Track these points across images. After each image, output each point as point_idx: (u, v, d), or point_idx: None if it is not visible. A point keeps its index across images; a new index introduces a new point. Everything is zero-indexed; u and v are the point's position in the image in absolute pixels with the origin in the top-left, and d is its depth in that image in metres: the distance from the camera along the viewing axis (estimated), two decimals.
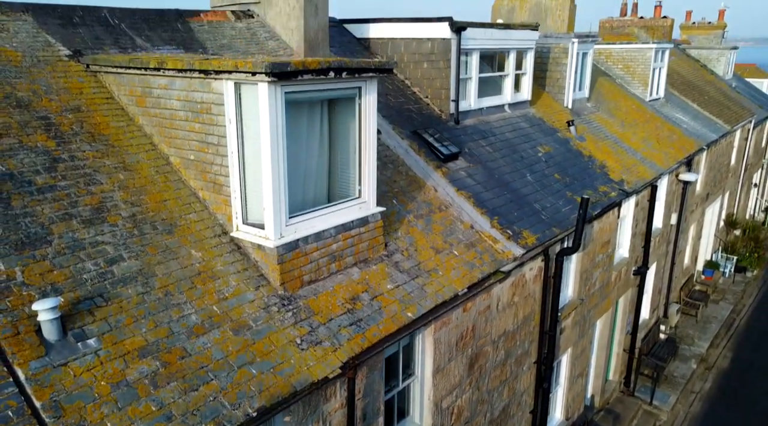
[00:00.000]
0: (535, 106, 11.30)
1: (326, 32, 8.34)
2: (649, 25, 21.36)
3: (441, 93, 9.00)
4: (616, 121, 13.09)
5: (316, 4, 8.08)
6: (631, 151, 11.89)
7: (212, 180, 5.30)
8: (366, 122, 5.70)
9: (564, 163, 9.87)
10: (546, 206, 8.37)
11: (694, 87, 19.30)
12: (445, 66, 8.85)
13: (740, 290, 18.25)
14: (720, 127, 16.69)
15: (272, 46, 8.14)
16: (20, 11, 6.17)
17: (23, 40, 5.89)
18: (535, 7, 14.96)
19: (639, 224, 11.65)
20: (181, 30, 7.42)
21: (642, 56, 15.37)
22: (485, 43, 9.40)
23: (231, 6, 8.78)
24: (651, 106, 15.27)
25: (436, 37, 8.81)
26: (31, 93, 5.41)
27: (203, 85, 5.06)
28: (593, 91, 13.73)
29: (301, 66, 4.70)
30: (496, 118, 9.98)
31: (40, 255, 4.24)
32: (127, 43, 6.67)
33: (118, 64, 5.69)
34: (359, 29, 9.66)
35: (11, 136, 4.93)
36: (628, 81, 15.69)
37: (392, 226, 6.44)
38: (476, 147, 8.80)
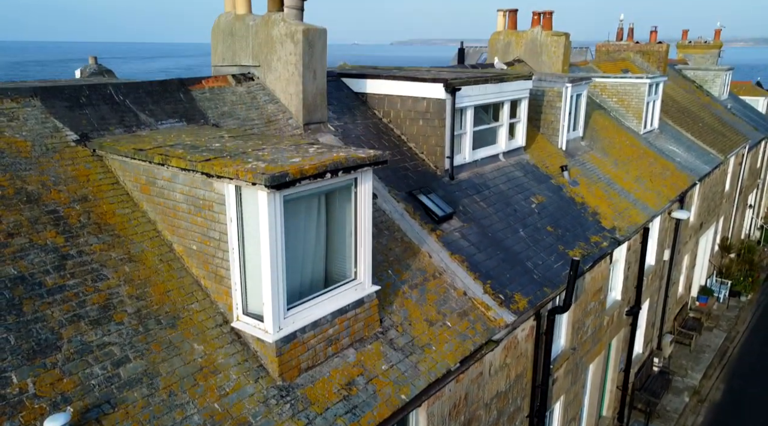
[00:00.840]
0: (529, 151, 11.54)
1: (324, 95, 8.59)
2: (645, 50, 21.61)
3: (436, 150, 9.24)
4: (610, 159, 13.33)
5: (315, 70, 8.33)
6: (623, 194, 12.12)
7: (214, 271, 5.54)
8: (361, 208, 5.93)
9: (556, 213, 10.10)
10: (538, 263, 8.60)
11: (688, 114, 19.54)
12: (440, 124, 9.09)
13: (734, 316, 18.47)
14: (713, 158, 16.93)
15: (271, 109, 8.39)
16: (29, 96, 6.41)
17: (32, 127, 6.13)
18: (530, 43, 15.21)
19: (631, 266, 11.88)
20: (183, 100, 7.66)
21: (636, 90, 15.61)
22: (480, 98, 9.65)
23: (232, 67, 9.03)
24: (645, 140, 15.51)
25: (431, 97, 9.06)
26: (40, 185, 5.65)
27: (205, 183, 5.30)
28: (587, 127, 13.98)
29: (299, 174, 4.94)
30: (490, 168, 10.22)
31: (51, 363, 4.47)
32: (131, 120, 6.91)
33: (123, 154, 5.93)
34: (357, 84, 9.90)
35: (22, 235, 5.17)
36: (623, 114, 15.94)
37: (387, 299, 6.67)
38: (470, 203, 9.03)
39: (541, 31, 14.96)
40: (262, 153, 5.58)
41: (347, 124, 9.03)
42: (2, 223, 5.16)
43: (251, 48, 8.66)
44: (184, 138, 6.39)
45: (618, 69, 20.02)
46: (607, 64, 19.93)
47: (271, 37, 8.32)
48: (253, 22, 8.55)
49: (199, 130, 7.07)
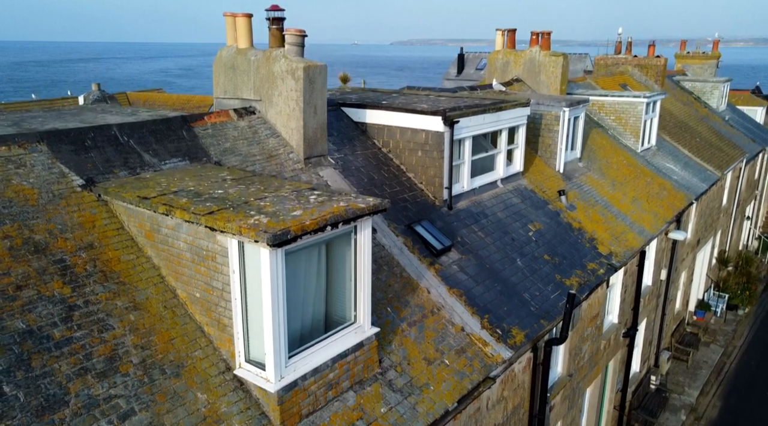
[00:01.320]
0: (527, 175, 11.67)
1: (324, 129, 8.73)
2: (643, 63, 21.75)
3: (435, 180, 9.37)
4: (607, 180, 13.46)
5: (315, 105, 8.46)
6: (620, 216, 12.26)
7: (217, 319, 5.67)
8: (361, 253, 6.07)
9: (554, 240, 10.24)
10: (535, 295, 8.73)
11: (686, 128, 19.67)
12: (439, 156, 9.23)
13: (731, 330, 18.61)
14: (710, 175, 17.06)
15: (273, 144, 8.53)
16: (36, 141, 6.55)
17: (39, 174, 6.26)
18: (529, 62, 15.35)
19: (628, 289, 12.02)
20: (186, 138, 7.80)
21: (633, 109, 15.75)
22: (478, 128, 9.78)
23: (233, 100, 9.17)
24: (642, 158, 15.65)
25: (430, 129, 9.19)
26: (47, 234, 5.78)
27: (209, 236, 5.43)
28: (585, 146, 14.11)
29: (300, 230, 5.07)
30: (488, 195, 10.35)
31: (59, 419, 4.60)
32: (135, 161, 7.05)
33: (128, 201, 6.06)
34: (356, 113, 10.04)
35: (30, 286, 5.30)
36: (620, 132, 16.07)
37: (386, 338, 6.81)
38: (468, 233, 9.17)
39: (539, 50, 15.10)
40: (263, 203, 5.71)
41: (347, 156, 9.16)
42: (11, 275, 5.29)
43: (253, 82, 8.79)
44: (187, 181, 6.53)
45: (616, 84, 20.17)
46: (606, 79, 20.06)
47: (273, 73, 8.45)
48: (254, 58, 8.69)
49: (202, 169, 7.20)
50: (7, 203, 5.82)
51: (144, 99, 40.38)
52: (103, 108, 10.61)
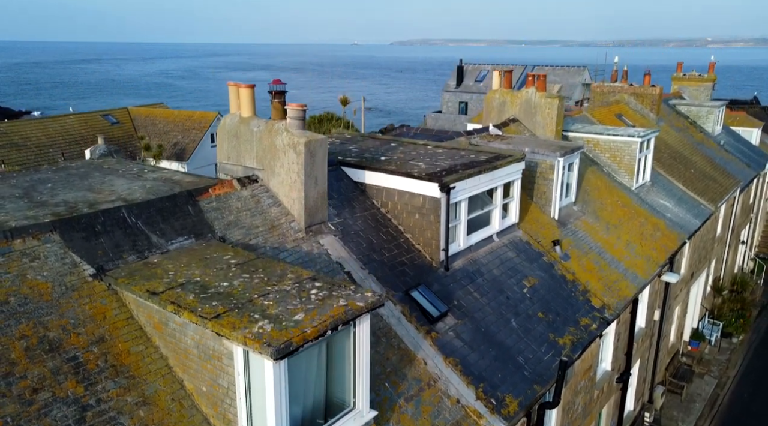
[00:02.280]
0: (522, 224, 11.95)
1: (324, 198, 9.02)
2: (639, 92, 22.05)
3: (432, 242, 9.66)
4: (601, 224, 13.75)
5: (316, 177, 8.76)
6: (614, 263, 12.55)
7: (222, 413, 5.96)
8: (360, 344, 6.35)
9: (548, 295, 10.53)
10: (529, 358, 9.02)
11: (680, 159, 19.96)
12: (435, 220, 9.52)
13: (725, 360, 18.91)
14: (704, 210, 17.35)
15: (275, 213, 8.82)
16: (48, 230, 6.84)
17: (52, 266, 6.55)
18: (525, 103, 15.64)
19: (621, 335, 12.31)
20: (191, 213, 8.08)
21: (628, 148, 16.04)
22: (473, 189, 10.07)
23: (237, 166, 9.46)
24: (636, 196, 15.94)
25: (427, 194, 9.48)
26: (60, 330, 6.07)
27: (215, 338, 5.72)
28: (580, 188, 14.39)
29: (302, 341, 5.36)
30: (484, 251, 10.64)
31: None
32: (143, 244, 7.34)
33: (138, 295, 6.35)
34: (356, 174, 10.32)
35: (45, 389, 5.59)
36: (615, 169, 16.36)
37: (384, 416, 7.09)
38: (465, 295, 9.46)
39: (535, 92, 15.39)
40: (267, 301, 6.00)
41: (347, 220, 9.45)
42: (27, 378, 5.58)
43: (256, 152, 9.09)
44: (193, 269, 6.81)
45: (612, 114, 20.46)
46: (602, 109, 20.35)
47: (275, 145, 8.74)
48: (257, 128, 8.98)
49: (207, 249, 7.49)
50: (23, 301, 6.11)
51: (145, 114, 40.71)
52: (109, 165, 10.91)
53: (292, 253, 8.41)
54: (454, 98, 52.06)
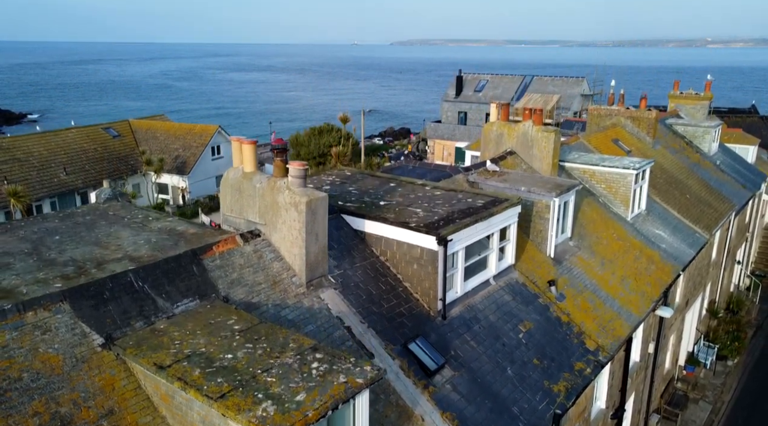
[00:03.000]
0: (519, 263, 12.20)
1: (325, 252, 9.27)
2: (635, 115, 22.30)
3: (429, 292, 9.91)
4: (597, 259, 14.00)
5: (317, 233, 9.00)
6: (608, 301, 12.80)
7: None
8: (359, 413, 6.61)
9: (543, 340, 10.78)
10: (524, 408, 9.28)
11: (676, 184, 20.21)
12: (433, 271, 9.77)
13: (720, 384, 19.17)
14: (699, 238, 17.60)
15: (277, 268, 9.07)
16: (59, 300, 7.08)
17: (63, 337, 6.79)
18: (522, 136, 15.89)
19: (615, 373, 12.56)
20: (195, 274, 8.33)
21: (623, 179, 16.29)
22: (471, 238, 10.31)
23: (239, 219, 9.71)
24: (632, 227, 16.19)
25: (424, 246, 9.72)
26: (72, 405, 6.31)
27: (221, 419, 5.97)
28: (576, 221, 14.64)
29: (303, 424, 5.61)
30: (481, 296, 10.89)
31: None
32: (150, 309, 7.59)
33: (145, 367, 6.60)
34: (356, 222, 10.57)
35: None
36: (611, 200, 16.61)
37: None
38: (461, 344, 9.71)
39: (532, 125, 15.64)
40: (270, 378, 6.24)
41: (347, 271, 9.70)
42: None
43: (258, 207, 9.34)
44: (199, 338, 7.06)
45: (609, 139, 20.71)
46: (598, 135, 20.60)
47: (277, 202, 8.99)
48: (259, 185, 9.23)
49: (211, 312, 7.74)
50: (35, 376, 6.36)
51: (146, 127, 40.98)
52: (115, 211, 11.16)
53: (293, 310, 8.66)
54: (454, 108, 52.29)
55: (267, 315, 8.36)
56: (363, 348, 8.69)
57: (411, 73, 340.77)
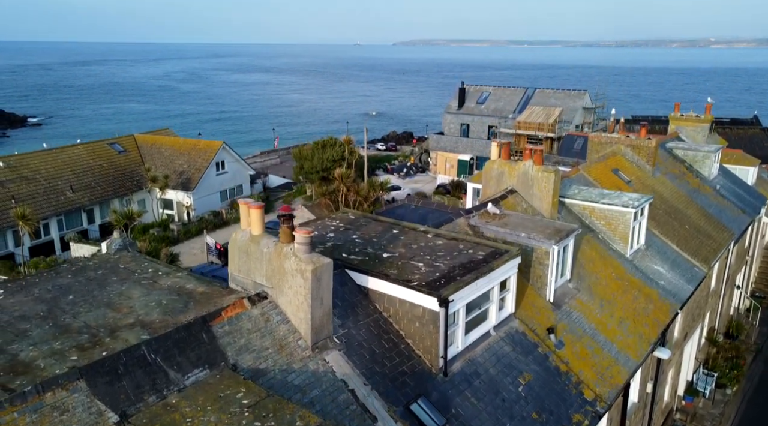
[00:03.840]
0: (519, 310, 12.46)
1: (330, 315, 9.56)
2: (635, 144, 22.54)
3: (431, 350, 10.20)
4: (596, 301, 14.27)
5: (322, 298, 9.30)
6: (607, 346, 13.07)
7: None
8: None
9: (542, 392, 11.06)
10: None
11: (675, 215, 20.46)
12: (435, 330, 10.05)
13: (719, 414, 19.42)
14: (697, 272, 17.85)
15: (283, 332, 9.37)
16: (76, 379, 7.39)
17: (80, 417, 7.10)
18: (523, 175, 16.17)
19: (614, 418, 12.83)
20: (205, 341, 8.63)
21: (622, 217, 16.55)
22: (472, 294, 10.60)
23: (247, 280, 10.01)
24: (631, 264, 16.45)
25: (426, 306, 10.01)
26: None
27: None
28: (576, 261, 14.90)
29: None
30: (481, 349, 11.17)
31: None
32: (162, 382, 7.89)
33: None
34: (360, 278, 10.86)
35: None
36: (610, 236, 16.87)
37: None
38: (462, 401, 10.00)
39: (532, 165, 15.91)
40: None
41: (351, 330, 10.00)
42: None
43: (265, 271, 9.63)
44: (209, 412, 7.36)
45: (609, 169, 20.97)
46: (598, 165, 20.85)
47: (283, 268, 9.29)
48: (267, 249, 9.52)
49: (220, 383, 8.04)
50: None
51: (151, 142, 41.36)
52: (125, 263, 11.48)
53: (299, 374, 8.95)
54: (456, 120, 52.56)
55: (274, 381, 8.65)
56: (366, 411, 8.98)
57: (413, 74, 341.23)
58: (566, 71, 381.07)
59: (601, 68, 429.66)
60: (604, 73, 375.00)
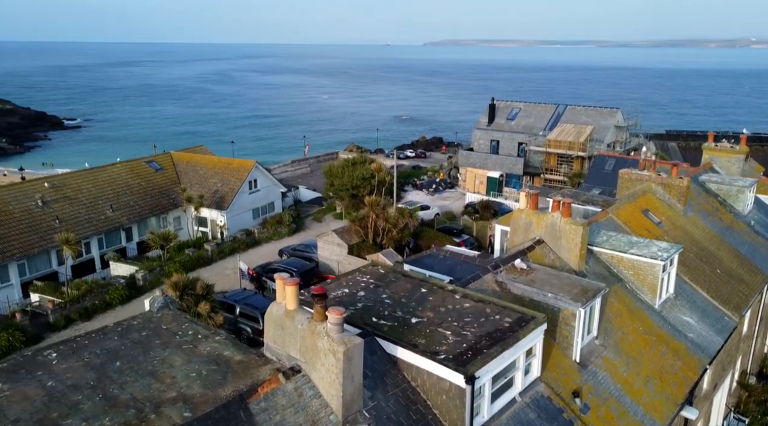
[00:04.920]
0: (544, 373, 12.68)
1: (360, 391, 9.97)
2: (667, 183, 22.41)
3: (457, 423, 10.52)
4: (622, 359, 14.37)
5: (353, 376, 9.72)
6: (633, 409, 13.19)
7: None
8: None
9: None
10: None
11: (706, 257, 20.30)
12: (461, 404, 10.38)
13: None
14: (728, 323, 17.73)
15: (316, 406, 9.81)
16: None
17: None
18: (550, 226, 16.33)
19: None
20: (243, 419, 9.13)
21: (651, 269, 16.57)
22: (498, 366, 10.88)
23: (282, 351, 10.49)
24: (659, 316, 16.46)
25: (453, 381, 10.34)
26: None
27: None
28: (602, 316, 15.00)
29: None
30: (507, 416, 11.43)
31: None
32: None
33: None
34: (389, 347, 11.25)
35: None
36: (638, 287, 16.90)
37: None
38: None
39: (560, 217, 16.07)
40: None
41: (380, 402, 10.39)
42: None
43: (299, 346, 10.09)
44: None
45: (638, 210, 20.92)
46: (628, 206, 20.81)
47: (316, 346, 9.73)
48: (301, 326, 9.98)
49: None
50: None
51: (187, 160, 42.50)
52: (167, 324, 12.10)
53: None
54: (486, 136, 52.53)
55: None
56: None
57: (443, 76, 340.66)
58: (599, 73, 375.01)
59: (636, 70, 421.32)
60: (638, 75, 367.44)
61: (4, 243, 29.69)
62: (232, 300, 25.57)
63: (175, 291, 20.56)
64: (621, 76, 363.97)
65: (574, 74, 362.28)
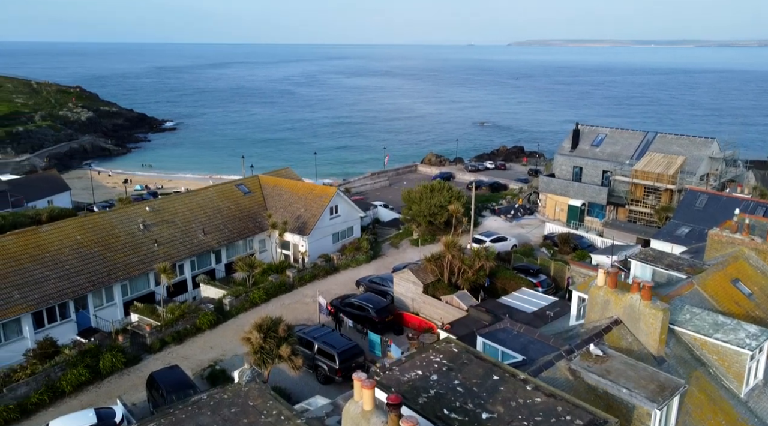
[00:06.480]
0: None
1: None
2: (761, 248, 21.27)
3: None
4: None
5: None
6: None
7: None
8: None
9: None
10: None
11: None
12: None
13: None
14: None
15: None
16: None
17: None
18: (629, 307, 16.09)
19: None
20: None
21: (737, 357, 15.92)
22: None
23: None
24: (744, 406, 15.79)
25: None
26: None
27: None
28: (681, 406, 14.63)
29: None
30: None
31: None
32: None
33: None
34: None
35: None
36: (723, 372, 16.28)
37: None
38: None
39: (639, 300, 15.79)
40: None
41: None
42: None
43: None
44: None
45: (728, 280, 20.03)
46: (716, 276, 19.97)
47: None
48: None
49: None
50: None
51: (273, 184, 44.66)
52: (254, 401, 13.14)
53: None
54: (569, 162, 51.16)
55: None
56: None
57: (527, 79, 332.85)
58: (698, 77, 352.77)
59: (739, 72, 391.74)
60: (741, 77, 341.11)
61: (110, 265, 32.65)
62: (311, 337, 26.79)
63: (259, 333, 21.90)
64: (720, 78, 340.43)
65: (670, 77, 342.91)
